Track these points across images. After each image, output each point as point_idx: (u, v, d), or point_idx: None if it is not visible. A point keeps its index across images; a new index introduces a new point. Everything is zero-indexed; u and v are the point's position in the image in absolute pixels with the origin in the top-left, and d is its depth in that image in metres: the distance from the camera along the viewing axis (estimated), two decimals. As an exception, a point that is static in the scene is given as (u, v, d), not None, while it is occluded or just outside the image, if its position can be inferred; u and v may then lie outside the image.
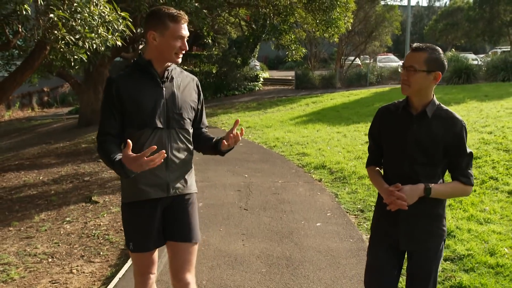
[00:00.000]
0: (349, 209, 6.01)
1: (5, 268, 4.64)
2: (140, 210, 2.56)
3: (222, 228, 5.27)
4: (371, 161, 2.70)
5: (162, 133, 2.53)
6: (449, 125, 2.37)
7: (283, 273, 4.11)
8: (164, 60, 2.54)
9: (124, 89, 2.48)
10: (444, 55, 2.38)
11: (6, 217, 6.70)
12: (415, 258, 2.49)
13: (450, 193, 2.46)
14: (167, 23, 2.46)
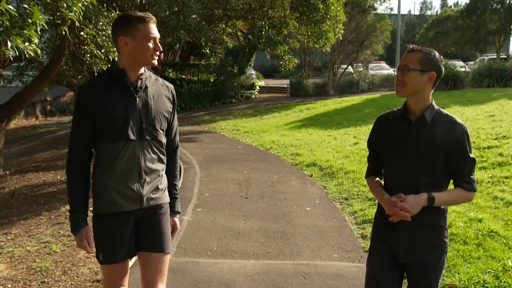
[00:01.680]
0: (335, 198, 6.98)
1: (46, 245, 5.57)
2: (111, 222, 2.50)
3: (227, 211, 6.24)
4: (370, 171, 2.66)
5: (135, 144, 2.48)
6: (450, 130, 2.33)
7: (277, 242, 5.08)
8: (139, 64, 2.49)
9: (95, 99, 2.42)
10: (440, 58, 2.38)
11: (35, 208, 7.62)
12: (414, 271, 2.44)
13: (453, 201, 2.42)
14: (137, 26, 2.41)
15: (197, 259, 4.57)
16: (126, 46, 2.41)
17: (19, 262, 4.97)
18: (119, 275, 2.57)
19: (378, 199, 2.51)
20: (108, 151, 2.45)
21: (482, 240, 4.74)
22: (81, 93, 2.43)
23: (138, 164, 2.49)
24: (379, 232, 2.54)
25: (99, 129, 2.44)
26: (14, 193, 8.97)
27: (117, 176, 2.46)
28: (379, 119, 2.59)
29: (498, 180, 6.90)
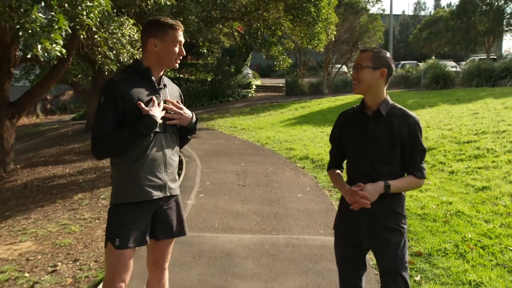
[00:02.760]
0: (325, 186, 7.67)
1: (65, 226, 6.23)
2: (137, 210, 2.63)
3: (226, 197, 6.93)
4: (332, 164, 2.82)
5: (161, 137, 2.67)
6: (403, 121, 2.50)
7: (271, 221, 5.78)
8: (163, 65, 2.70)
9: (126, 92, 2.56)
10: (390, 57, 2.58)
11: (49, 198, 8.27)
12: (379, 255, 2.61)
13: (406, 187, 2.56)
14: (167, 31, 2.62)
15: (202, 234, 5.27)
16: (155, 47, 2.62)
17: (43, 240, 5.63)
18: (125, 267, 2.62)
19: (339, 190, 2.69)
20: (138, 143, 2.58)
21: (450, 219, 5.44)
22: (113, 84, 2.56)
23: (164, 155, 2.68)
24: (342, 222, 2.71)
25: (129, 121, 2.55)
26: (27, 185, 9.61)
27: (147, 166, 2.62)
28: (340, 115, 2.76)
29: (472, 170, 7.60)
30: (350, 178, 2.64)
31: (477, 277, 3.92)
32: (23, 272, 4.59)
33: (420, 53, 48.03)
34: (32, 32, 4.84)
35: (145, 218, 2.65)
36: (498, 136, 9.44)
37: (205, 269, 4.31)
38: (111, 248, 2.59)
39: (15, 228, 6.29)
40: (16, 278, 4.45)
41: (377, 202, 2.45)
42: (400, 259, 2.55)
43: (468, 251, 4.49)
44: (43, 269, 4.66)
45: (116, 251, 2.59)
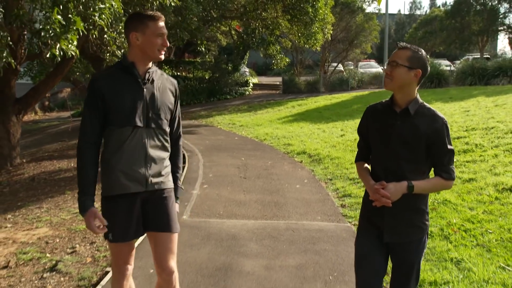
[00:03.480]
0: (321, 179, 8.09)
1: (77, 214, 6.61)
2: (119, 203, 2.68)
3: (229, 188, 7.35)
4: (359, 156, 2.83)
5: (141, 131, 2.67)
6: (431, 121, 2.48)
7: (272, 209, 6.21)
8: (147, 59, 2.71)
9: (107, 87, 2.61)
10: (427, 57, 2.55)
11: (57, 189, 8.66)
12: (397, 251, 2.61)
13: (432, 188, 2.59)
14: (147, 23, 2.63)
15: (208, 219, 5.69)
16: (137, 41, 2.63)
17: (59, 226, 6.03)
18: (126, 254, 2.78)
19: (364, 184, 2.69)
20: (116, 136, 2.64)
21: (437, 206, 5.88)
22: (94, 82, 2.64)
23: (144, 149, 2.69)
24: (366, 214, 2.71)
25: (108, 116, 2.64)
26: (34, 177, 9.99)
27: (124, 160, 2.65)
28: (368, 109, 2.75)
29: (460, 164, 8.04)
30: (374, 171, 2.66)
31: (458, 255, 4.36)
32: (44, 253, 4.99)
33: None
34: (52, 33, 5.24)
35: (132, 211, 2.69)
36: (487, 132, 9.87)
37: (213, 248, 4.74)
38: (108, 241, 2.75)
39: (29, 216, 6.67)
40: (38, 258, 4.86)
41: (401, 199, 2.46)
42: (419, 255, 2.60)
43: (452, 233, 4.92)
44: (63, 250, 5.06)
45: (112, 244, 2.74)
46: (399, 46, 2.54)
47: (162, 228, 2.78)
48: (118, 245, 2.73)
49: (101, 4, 5.90)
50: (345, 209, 6.18)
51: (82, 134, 2.65)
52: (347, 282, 3.99)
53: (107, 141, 2.68)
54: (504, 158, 7.78)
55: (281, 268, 4.29)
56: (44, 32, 5.20)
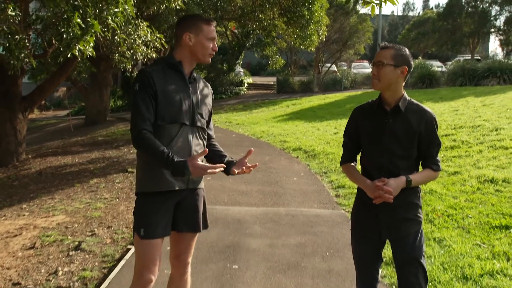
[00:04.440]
0: (317, 172, 8.61)
1: (90, 203, 7.10)
2: (160, 200, 2.68)
3: (231, 179, 7.86)
4: (347, 158, 2.83)
5: (187, 129, 2.69)
6: (421, 116, 2.56)
7: (272, 197, 6.73)
8: (195, 60, 2.75)
9: (158, 82, 2.62)
10: (410, 54, 2.61)
11: (66, 182, 9.12)
12: (397, 246, 2.66)
13: (424, 180, 2.68)
14: (201, 26, 2.68)
15: (214, 206, 6.20)
16: (190, 41, 2.66)
17: (74, 213, 6.51)
18: (153, 258, 2.69)
19: (358, 184, 2.70)
20: (165, 132, 2.63)
21: (423, 195, 6.41)
22: (147, 75, 2.62)
23: (189, 147, 2.69)
24: (359, 215, 2.77)
25: (158, 110, 2.62)
26: (41, 172, 10.43)
27: None
28: (356, 110, 2.80)
29: (447, 158, 8.58)
30: (366, 171, 2.69)
31: (440, 235, 4.89)
32: (66, 236, 5.48)
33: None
34: (73, 36, 5.73)
35: (168, 209, 2.71)
36: (473, 130, 10.43)
37: (222, 230, 5.25)
38: (138, 238, 2.69)
39: (44, 206, 7.14)
40: (61, 239, 5.35)
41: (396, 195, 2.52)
42: (419, 248, 2.63)
43: (436, 218, 5.46)
44: (83, 233, 5.55)
45: (143, 241, 2.67)
46: (382, 46, 2.61)
47: (192, 228, 2.82)
48: (148, 242, 2.67)
49: (115, 8, 6.38)
50: (339, 198, 6.70)
51: (139, 123, 2.58)
52: (342, 257, 4.51)
53: (155, 137, 2.61)
54: (488, 153, 8.34)
55: (283, 246, 4.81)
56: (66, 35, 5.68)
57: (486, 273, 3.97)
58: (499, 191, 6.17)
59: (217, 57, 31.20)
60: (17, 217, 6.63)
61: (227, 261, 4.42)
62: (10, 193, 8.55)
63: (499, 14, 33.90)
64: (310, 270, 4.22)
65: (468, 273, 3.97)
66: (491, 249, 4.50)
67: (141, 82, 2.62)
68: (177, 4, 8.25)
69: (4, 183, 9.59)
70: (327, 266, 4.31)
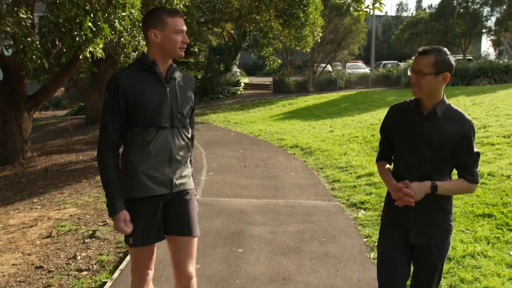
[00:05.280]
0: (313, 168, 9.03)
1: (98, 197, 7.47)
2: (142, 206, 2.60)
3: (232, 174, 8.28)
4: (381, 156, 2.79)
5: (166, 132, 2.59)
6: (458, 124, 2.45)
7: (272, 191, 7.15)
8: (168, 56, 2.62)
9: (130, 87, 2.51)
10: (450, 55, 2.47)
11: (72, 178, 9.49)
12: (422, 252, 2.59)
13: (456, 190, 2.56)
14: (166, 19, 2.55)
15: (217, 199, 6.61)
16: (156, 38, 2.55)
17: (85, 206, 6.90)
18: (146, 258, 2.71)
19: (385, 183, 2.65)
20: (141, 137, 2.56)
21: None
22: (116, 81, 2.51)
23: (169, 150, 2.61)
24: (390, 215, 2.69)
25: (132, 117, 2.55)
26: (47, 169, 10.79)
27: (149, 162, 2.57)
28: (392, 108, 2.72)
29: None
30: (398, 170, 2.63)
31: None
32: (79, 225, 5.87)
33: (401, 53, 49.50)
34: (86, 38, 6.12)
35: (154, 215, 2.64)
36: (462, 128, 10.88)
37: (226, 219, 5.66)
38: (128, 246, 2.68)
39: (54, 200, 7.52)
40: (76, 229, 5.74)
41: (426, 199, 2.44)
42: (443, 256, 2.59)
43: (424, 208, 5.89)
44: (95, 223, 5.94)
45: (133, 249, 2.66)
46: (420, 51, 2.48)
47: (183, 231, 2.71)
48: (139, 249, 2.66)
49: (123, 12, 6.77)
50: (335, 191, 7.12)
51: (103, 137, 2.56)
52: (337, 242, 4.92)
53: (131, 142, 2.59)
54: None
55: (283, 233, 5.22)
56: (78, 37, 6.08)
57: (468, 254, 4.39)
58: (484, 184, 6.58)
59: (214, 58, 31.67)
60: (30, 210, 7.00)
61: (233, 246, 4.82)
62: (19, 188, 8.92)
63: (490, 15, 34.44)
64: (308, 253, 4.63)
65: (451, 254, 4.39)
66: (473, 234, 4.92)
67: (110, 91, 2.53)
68: (179, 7, 8.64)
69: (12, 180, 9.94)
70: (324, 250, 4.73)
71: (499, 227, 5.03)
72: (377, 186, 7.04)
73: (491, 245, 4.61)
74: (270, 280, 4.03)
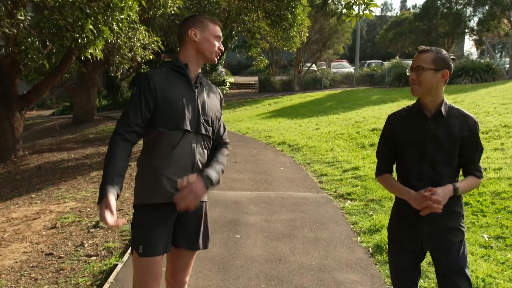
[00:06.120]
0: (301, 163, 9.42)
1: (95, 192, 7.78)
2: (158, 212, 2.48)
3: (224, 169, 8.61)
4: (384, 169, 2.71)
5: (191, 137, 2.51)
6: (463, 121, 2.47)
7: (263, 184, 7.53)
8: (202, 59, 2.58)
9: (160, 85, 2.45)
10: (449, 56, 2.49)
11: (67, 175, 9.76)
12: (441, 256, 2.54)
13: (469, 188, 2.54)
14: (207, 24, 2.56)
15: (212, 191, 6.95)
16: (196, 37, 2.52)
17: (83, 200, 7.20)
18: (153, 274, 2.50)
19: (402, 195, 2.54)
20: (166, 140, 2.47)
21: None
22: (147, 77, 2.45)
23: (192, 156, 2.52)
24: (398, 227, 2.65)
25: (158, 116, 2.46)
26: (40, 167, 11.03)
27: (172, 166, 2.48)
28: (391, 117, 2.68)
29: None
30: (404, 180, 2.58)
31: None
32: (82, 217, 6.18)
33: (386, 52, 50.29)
34: (86, 40, 6.44)
35: (169, 223, 2.53)
36: (443, 124, 11.36)
37: (222, 209, 6.02)
38: (136, 255, 2.49)
39: (53, 195, 7.80)
40: (79, 220, 6.05)
41: None
42: (464, 258, 2.54)
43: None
44: (97, 215, 6.26)
45: (141, 259, 2.47)
46: (420, 49, 2.50)
47: (190, 245, 2.63)
48: (147, 260, 2.47)
49: (121, 15, 7.09)
50: (322, 184, 7.52)
51: (120, 125, 2.42)
52: (326, 228, 5.32)
53: (156, 144, 2.49)
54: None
55: (276, 221, 5.60)
56: (80, 40, 6.39)
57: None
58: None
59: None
60: (30, 204, 7.28)
61: (230, 232, 5.19)
62: (15, 185, 9.16)
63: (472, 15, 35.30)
64: (300, 238, 5.02)
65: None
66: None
67: (139, 85, 2.46)
68: (173, 9, 8.97)
69: (7, 177, 10.17)
70: (315, 235, 5.12)
71: (474, 213, 5.47)
72: (363, 179, 7.45)
73: (467, 229, 5.03)
74: (267, 261, 4.41)
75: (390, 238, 2.72)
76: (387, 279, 4.01)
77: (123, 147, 2.39)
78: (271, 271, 4.19)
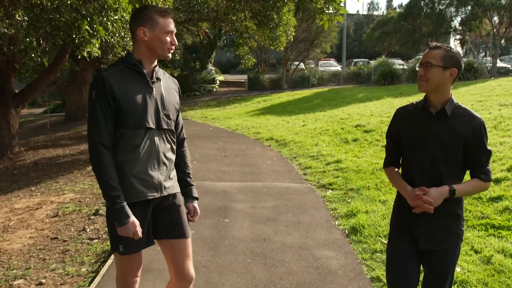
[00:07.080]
0: (287, 157, 9.93)
1: (93, 185, 8.21)
2: (134, 210, 2.47)
3: (214, 163, 9.12)
4: (390, 161, 2.73)
5: (153, 133, 2.53)
6: (468, 122, 2.42)
7: (251, 175, 8.03)
8: (155, 56, 2.54)
9: (117, 86, 2.42)
10: (460, 55, 2.46)
11: (64, 170, 10.16)
12: (433, 257, 2.54)
13: (472, 191, 2.52)
14: (157, 19, 2.46)
15: (203, 182, 7.45)
16: (145, 36, 2.46)
17: (82, 192, 7.64)
18: (135, 266, 2.61)
19: (399, 190, 2.59)
20: (128, 139, 2.47)
21: (375, 172, 7.78)
22: (103, 80, 2.41)
23: (157, 153, 2.55)
24: (399, 220, 2.64)
25: (119, 117, 2.45)
26: (37, 162, 11.42)
27: (138, 165, 2.50)
28: (399, 111, 2.67)
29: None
30: (408, 175, 2.58)
31: (384, 198, 6.26)
32: (82, 206, 6.63)
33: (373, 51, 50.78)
34: (82, 39, 6.88)
35: (144, 219, 2.56)
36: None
37: (212, 198, 6.51)
38: (117, 255, 2.56)
39: (51, 188, 8.23)
40: (79, 209, 6.50)
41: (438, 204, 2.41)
42: (453, 262, 2.55)
43: (383, 187, 6.83)
44: (96, 204, 6.71)
45: (123, 257, 2.55)
46: (431, 46, 2.48)
47: (177, 234, 2.67)
48: (129, 257, 2.56)
49: (115, 16, 7.53)
50: (306, 176, 8.03)
51: (96, 135, 2.41)
52: (308, 214, 5.83)
53: (119, 144, 2.48)
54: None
55: (262, 207, 6.11)
56: (77, 39, 6.83)
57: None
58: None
59: (190, 56, 32.37)
60: (31, 196, 7.71)
61: (220, 217, 5.69)
62: (14, 179, 9.56)
63: (455, 15, 35.96)
64: (284, 222, 5.53)
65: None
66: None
67: (98, 88, 2.42)
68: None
69: (4, 173, 10.56)
70: (297, 219, 5.62)
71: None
72: (344, 171, 7.97)
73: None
74: (253, 241, 4.91)
75: (391, 232, 2.74)
76: (359, 255, 4.53)
77: (110, 155, 2.44)
78: (256, 249, 4.69)
